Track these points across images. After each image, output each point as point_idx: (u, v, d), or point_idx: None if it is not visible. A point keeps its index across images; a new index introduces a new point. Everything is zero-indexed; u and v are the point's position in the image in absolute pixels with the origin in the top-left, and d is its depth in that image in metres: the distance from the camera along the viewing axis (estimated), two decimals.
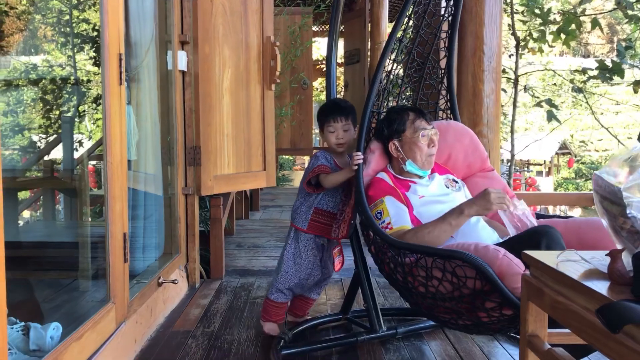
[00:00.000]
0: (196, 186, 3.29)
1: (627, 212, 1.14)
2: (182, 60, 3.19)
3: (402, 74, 2.68)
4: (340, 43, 9.60)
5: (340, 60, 11.51)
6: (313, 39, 8.24)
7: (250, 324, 2.77)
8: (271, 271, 3.78)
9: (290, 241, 2.57)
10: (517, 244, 1.84)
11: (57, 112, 6.06)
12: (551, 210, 11.06)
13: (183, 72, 3.24)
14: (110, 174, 2.14)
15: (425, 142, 2.33)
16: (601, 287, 1.10)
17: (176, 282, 2.93)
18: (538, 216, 2.37)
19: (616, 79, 4.55)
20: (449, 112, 2.75)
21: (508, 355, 2.37)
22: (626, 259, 1.14)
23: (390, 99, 2.71)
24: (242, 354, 2.39)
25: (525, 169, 18.77)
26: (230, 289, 3.39)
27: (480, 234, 2.14)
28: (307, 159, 14.49)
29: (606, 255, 1.17)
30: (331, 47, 2.59)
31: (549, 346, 1.31)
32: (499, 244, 1.88)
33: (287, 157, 13.58)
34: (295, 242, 2.56)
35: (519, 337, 1.46)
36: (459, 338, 2.56)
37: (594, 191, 1.24)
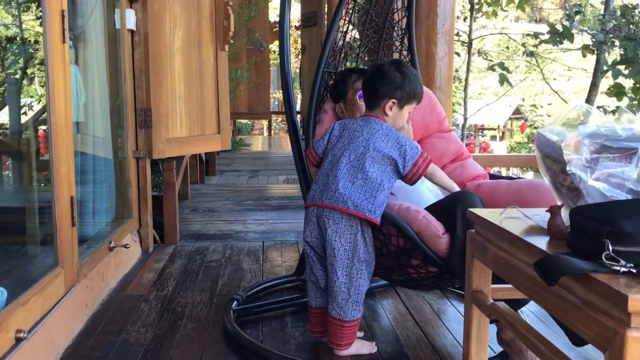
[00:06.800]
0: (147, 149, 3.22)
1: (567, 169, 1.16)
2: (130, 18, 3.08)
3: (359, 36, 2.66)
4: (297, 6, 9.44)
5: (297, 23, 11.35)
6: None
7: (204, 286, 2.76)
8: (227, 235, 3.76)
9: (359, 236, 1.88)
10: (438, 208, 1.92)
11: (3, 75, 5.79)
12: (504, 172, 11.28)
13: (132, 32, 3.13)
14: (55, 135, 2.07)
15: (363, 102, 2.33)
16: (540, 242, 1.13)
17: (128, 246, 2.89)
18: (490, 177, 2.44)
19: (566, 43, 4.64)
20: None
21: (457, 312, 2.44)
22: (565, 215, 1.17)
23: (347, 60, 2.69)
24: (196, 316, 2.39)
25: (480, 133, 19.08)
26: (185, 253, 3.36)
27: (421, 196, 2.17)
28: (265, 123, 14.13)
29: (546, 211, 1.21)
30: (284, 6, 2.53)
31: (492, 301, 1.35)
32: (426, 208, 1.94)
33: (245, 121, 13.26)
34: (363, 238, 1.89)
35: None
36: (410, 296, 2.62)
37: (537, 148, 1.26)
